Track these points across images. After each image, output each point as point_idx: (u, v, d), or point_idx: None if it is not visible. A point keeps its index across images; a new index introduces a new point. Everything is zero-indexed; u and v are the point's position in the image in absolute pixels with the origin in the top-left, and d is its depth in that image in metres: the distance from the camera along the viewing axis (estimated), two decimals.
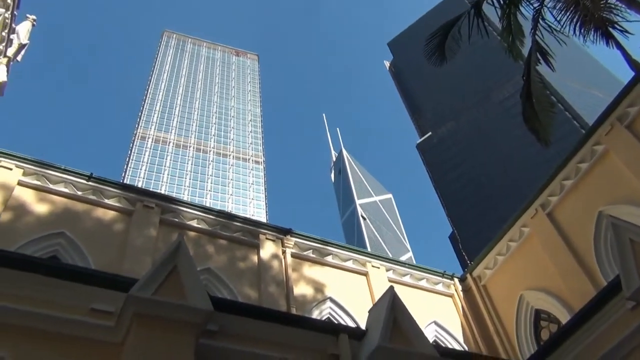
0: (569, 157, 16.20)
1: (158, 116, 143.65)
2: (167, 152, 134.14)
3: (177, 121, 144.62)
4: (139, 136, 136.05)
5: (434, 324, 16.69)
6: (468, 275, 18.51)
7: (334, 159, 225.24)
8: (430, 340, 13.75)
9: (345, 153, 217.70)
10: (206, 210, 16.08)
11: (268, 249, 15.59)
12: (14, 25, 18.94)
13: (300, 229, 16.60)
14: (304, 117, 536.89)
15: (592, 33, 13.49)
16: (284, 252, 15.78)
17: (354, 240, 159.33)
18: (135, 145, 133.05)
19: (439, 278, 18.25)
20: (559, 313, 15.47)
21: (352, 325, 14.42)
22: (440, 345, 15.19)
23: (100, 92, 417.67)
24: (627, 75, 15.24)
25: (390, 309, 7.83)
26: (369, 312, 8.49)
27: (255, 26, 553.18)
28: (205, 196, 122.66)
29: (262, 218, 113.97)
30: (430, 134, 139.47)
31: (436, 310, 17.17)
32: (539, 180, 18.12)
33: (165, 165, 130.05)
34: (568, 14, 13.75)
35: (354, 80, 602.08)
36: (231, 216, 16.67)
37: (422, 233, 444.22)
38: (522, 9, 15.12)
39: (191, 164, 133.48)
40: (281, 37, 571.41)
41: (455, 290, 18.17)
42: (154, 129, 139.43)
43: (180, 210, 15.28)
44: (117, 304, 6.59)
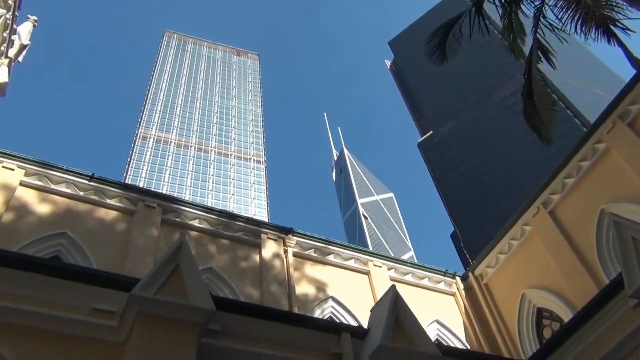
0: (570, 156, 16.18)
1: (159, 116, 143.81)
2: (169, 152, 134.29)
3: (179, 121, 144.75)
4: (140, 136, 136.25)
5: (436, 323, 16.67)
6: (470, 274, 18.48)
7: (336, 158, 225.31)
8: (433, 339, 13.73)
9: (346, 152, 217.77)
10: (208, 210, 16.09)
11: (270, 249, 15.60)
12: (15, 26, 18.98)
13: (302, 229, 16.63)
14: (305, 117, 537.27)
15: (594, 31, 13.45)
16: (286, 252, 15.78)
17: (355, 240, 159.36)
18: (137, 146, 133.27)
19: (441, 277, 18.23)
20: (562, 311, 15.45)
21: (355, 324, 14.41)
22: (442, 344, 15.19)
23: (101, 93, 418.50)
24: (629, 73, 15.24)
25: (393, 308, 7.83)
26: (371, 311, 8.49)
27: (256, 26, 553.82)
28: (207, 196, 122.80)
29: (264, 218, 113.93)
30: (431, 133, 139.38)
31: (438, 309, 17.16)
32: (541, 178, 18.10)
33: (166, 166, 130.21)
34: (569, 12, 13.71)
35: (355, 79, 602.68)
36: (233, 216, 16.68)
37: (424, 232, 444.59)
38: (524, 7, 15.09)
39: (193, 164, 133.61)
40: (282, 37, 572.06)
41: (458, 289, 18.16)
42: (156, 129, 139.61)
43: (182, 210, 15.29)
44: (120, 304, 6.61)
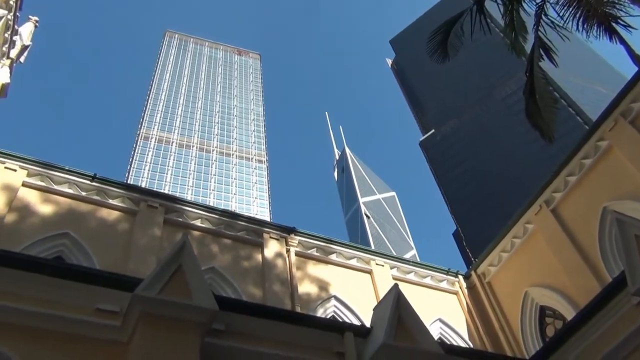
0: (572, 153, 16.15)
1: (161, 116, 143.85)
2: (170, 152, 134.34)
3: (180, 121, 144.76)
4: (142, 136, 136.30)
5: (438, 322, 16.67)
6: (472, 272, 18.48)
7: (337, 157, 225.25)
8: (435, 337, 13.73)
9: (348, 151, 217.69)
10: (210, 209, 16.11)
11: (272, 248, 15.61)
12: (16, 26, 18.99)
13: (304, 228, 16.63)
14: (307, 116, 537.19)
15: (595, 28, 13.42)
16: (288, 251, 15.79)
17: (357, 239, 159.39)
18: (139, 146, 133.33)
19: (444, 275, 18.22)
20: (564, 309, 15.44)
21: (357, 323, 14.42)
22: (445, 343, 15.19)
23: (103, 93, 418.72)
24: (631, 70, 15.25)
25: (395, 307, 7.84)
26: (374, 310, 8.50)
27: (257, 25, 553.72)
28: (209, 196, 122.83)
29: (266, 217, 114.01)
30: (433, 131, 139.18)
31: (441, 307, 17.16)
32: (543, 176, 18.08)
33: (168, 165, 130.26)
34: (571, 9, 13.69)
35: (357, 78, 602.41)
36: (235, 215, 16.69)
37: (426, 231, 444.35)
38: (525, 5, 15.07)
39: (194, 164, 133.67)
40: (283, 36, 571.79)
41: (460, 287, 18.15)
42: (157, 129, 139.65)
43: (184, 210, 15.30)
44: (122, 303, 6.62)
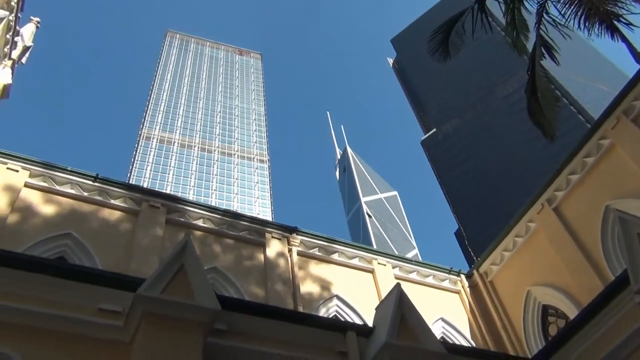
0: (574, 152, 16.13)
1: (162, 116, 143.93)
2: (172, 152, 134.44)
3: (182, 121, 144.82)
4: (143, 136, 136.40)
5: (441, 321, 16.67)
6: (475, 271, 18.47)
7: (339, 156, 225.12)
8: (438, 336, 13.75)
9: (349, 151, 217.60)
10: (212, 209, 16.12)
11: (274, 248, 15.61)
12: (17, 27, 19.01)
13: (306, 227, 16.58)
14: (308, 115, 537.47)
15: (597, 26, 13.38)
16: (290, 251, 15.79)
17: (359, 238, 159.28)
18: (140, 146, 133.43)
19: (446, 275, 18.21)
20: (567, 308, 15.42)
21: (359, 322, 14.42)
22: (447, 342, 15.18)
23: (104, 93, 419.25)
24: (633, 68, 15.19)
25: (397, 306, 7.84)
26: (376, 310, 8.50)
27: (258, 25, 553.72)
28: (211, 195, 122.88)
29: (268, 217, 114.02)
30: (434, 130, 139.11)
31: (443, 306, 17.14)
32: (545, 175, 18.06)
33: (170, 165, 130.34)
34: (572, 7, 13.64)
35: (358, 77, 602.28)
36: (237, 215, 16.71)
37: (428, 230, 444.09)
38: (526, 3, 15.02)
39: (196, 164, 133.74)
40: (284, 36, 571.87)
41: (462, 286, 18.14)
42: (159, 129, 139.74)
43: (186, 210, 15.32)
44: (125, 303, 6.63)
